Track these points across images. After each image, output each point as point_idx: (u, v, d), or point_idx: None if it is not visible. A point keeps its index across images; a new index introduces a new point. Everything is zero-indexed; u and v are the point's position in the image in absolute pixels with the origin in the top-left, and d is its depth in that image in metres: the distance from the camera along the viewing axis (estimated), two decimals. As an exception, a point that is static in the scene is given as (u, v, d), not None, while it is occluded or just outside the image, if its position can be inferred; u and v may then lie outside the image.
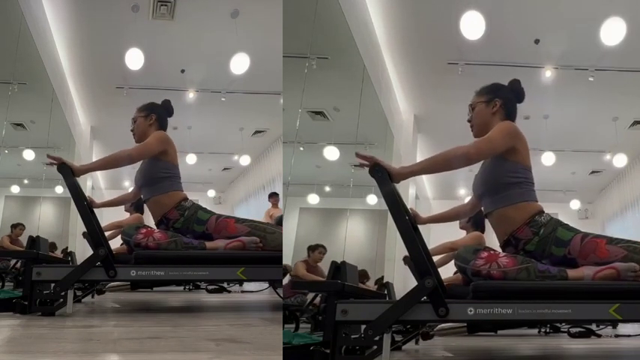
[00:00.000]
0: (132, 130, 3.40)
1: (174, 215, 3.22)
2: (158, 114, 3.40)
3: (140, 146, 3.26)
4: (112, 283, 4.88)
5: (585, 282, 2.23)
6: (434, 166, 2.40)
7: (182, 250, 3.11)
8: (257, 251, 3.16)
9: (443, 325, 4.14)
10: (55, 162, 2.99)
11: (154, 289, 5.55)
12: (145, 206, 3.45)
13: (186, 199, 3.28)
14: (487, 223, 4.34)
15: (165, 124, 3.43)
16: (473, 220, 4.20)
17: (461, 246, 4.23)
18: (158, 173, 3.24)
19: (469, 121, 2.56)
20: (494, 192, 2.39)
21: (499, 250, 2.42)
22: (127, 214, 5.17)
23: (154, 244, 3.10)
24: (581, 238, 2.30)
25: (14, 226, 5.93)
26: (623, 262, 2.23)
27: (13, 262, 4.77)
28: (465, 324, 4.14)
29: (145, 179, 3.28)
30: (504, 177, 2.37)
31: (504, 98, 2.52)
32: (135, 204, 5.07)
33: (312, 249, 5.15)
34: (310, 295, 4.24)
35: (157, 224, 3.27)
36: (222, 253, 3.14)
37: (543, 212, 2.37)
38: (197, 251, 3.13)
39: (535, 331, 5.12)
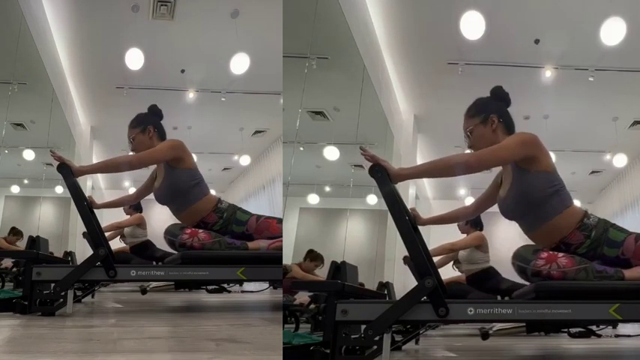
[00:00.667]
0: (133, 150, 3.27)
1: (212, 219, 3.21)
2: (154, 123, 3.30)
3: (145, 153, 3.17)
4: (157, 283, 4.84)
5: None
6: (434, 170, 2.40)
7: (226, 250, 3.13)
8: (258, 251, 3.16)
9: (501, 325, 4.13)
10: (56, 159, 2.99)
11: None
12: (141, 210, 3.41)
13: (220, 200, 3.28)
14: (484, 222, 4.37)
15: (164, 131, 3.35)
16: (472, 222, 4.21)
17: (461, 247, 4.24)
18: (185, 184, 3.18)
19: (470, 147, 2.47)
20: (535, 209, 2.33)
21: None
22: (126, 216, 5.17)
23: (198, 244, 3.11)
24: (634, 239, 2.31)
25: (13, 232, 5.86)
26: None
27: (4, 263, 4.77)
28: (524, 324, 4.12)
29: (173, 194, 3.20)
30: (541, 191, 2.31)
31: (498, 111, 2.46)
32: (134, 205, 5.07)
33: (311, 258, 4.98)
34: (299, 295, 4.24)
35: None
36: (251, 253, 3.17)
37: (589, 214, 2.37)
38: (240, 251, 3.15)
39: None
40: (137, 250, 5.00)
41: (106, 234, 3.59)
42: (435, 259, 3.49)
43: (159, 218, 3.44)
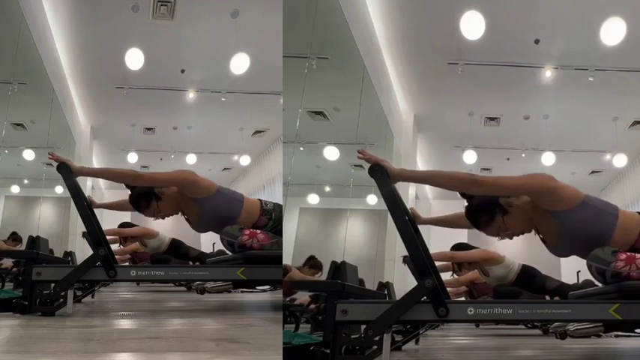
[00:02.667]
0: (159, 215, 3.22)
1: (262, 221, 3.22)
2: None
3: (150, 172, 3.15)
4: (216, 283, 4.78)
5: None
6: (436, 179, 2.37)
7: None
8: (258, 251, 3.16)
9: (579, 325, 4.06)
10: (55, 159, 2.98)
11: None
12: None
13: (264, 202, 3.28)
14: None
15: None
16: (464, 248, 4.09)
17: (462, 260, 4.11)
18: (221, 208, 3.16)
19: (510, 235, 2.43)
20: (596, 238, 2.32)
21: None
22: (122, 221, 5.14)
23: (258, 245, 3.13)
24: None
25: (13, 238, 5.82)
26: None
27: (4, 263, 4.76)
28: (601, 324, 4.06)
29: (216, 222, 3.17)
30: (590, 222, 2.31)
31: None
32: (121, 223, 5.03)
33: (310, 265, 4.90)
34: (299, 295, 4.22)
35: None
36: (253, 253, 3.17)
37: None
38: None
39: (535, 331, 5.12)
40: (168, 254, 4.97)
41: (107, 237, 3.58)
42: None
43: (159, 222, 3.43)
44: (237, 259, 3.11)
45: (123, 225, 5.11)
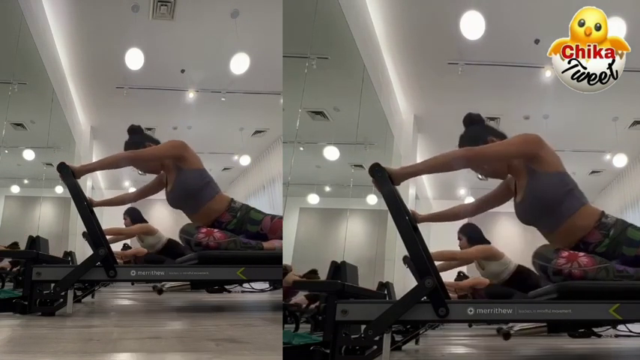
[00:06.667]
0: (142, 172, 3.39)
1: (226, 218, 3.22)
2: (147, 140, 3.39)
3: (144, 149, 3.24)
4: (172, 283, 4.78)
5: None
6: (436, 165, 2.42)
7: (242, 250, 3.13)
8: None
9: (523, 325, 4.06)
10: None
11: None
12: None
13: (234, 200, 3.29)
14: (483, 220, 4.31)
15: (158, 141, 3.40)
16: (472, 240, 4.12)
17: (463, 258, 4.15)
18: (195, 184, 3.20)
19: (487, 175, 2.52)
20: (551, 210, 2.34)
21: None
22: (123, 219, 5.14)
23: (214, 244, 3.11)
24: None
25: (12, 246, 5.80)
26: None
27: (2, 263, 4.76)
28: (545, 324, 4.05)
29: (185, 196, 3.21)
30: (555, 191, 2.33)
31: (489, 132, 2.54)
32: (132, 216, 5.02)
33: (308, 278, 4.96)
34: (297, 297, 4.21)
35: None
36: (246, 253, 3.16)
37: (605, 213, 2.37)
38: (256, 251, 3.15)
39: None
40: (164, 254, 4.96)
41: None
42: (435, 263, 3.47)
43: (158, 216, 3.44)
44: (192, 259, 3.09)
45: (130, 210, 5.11)
